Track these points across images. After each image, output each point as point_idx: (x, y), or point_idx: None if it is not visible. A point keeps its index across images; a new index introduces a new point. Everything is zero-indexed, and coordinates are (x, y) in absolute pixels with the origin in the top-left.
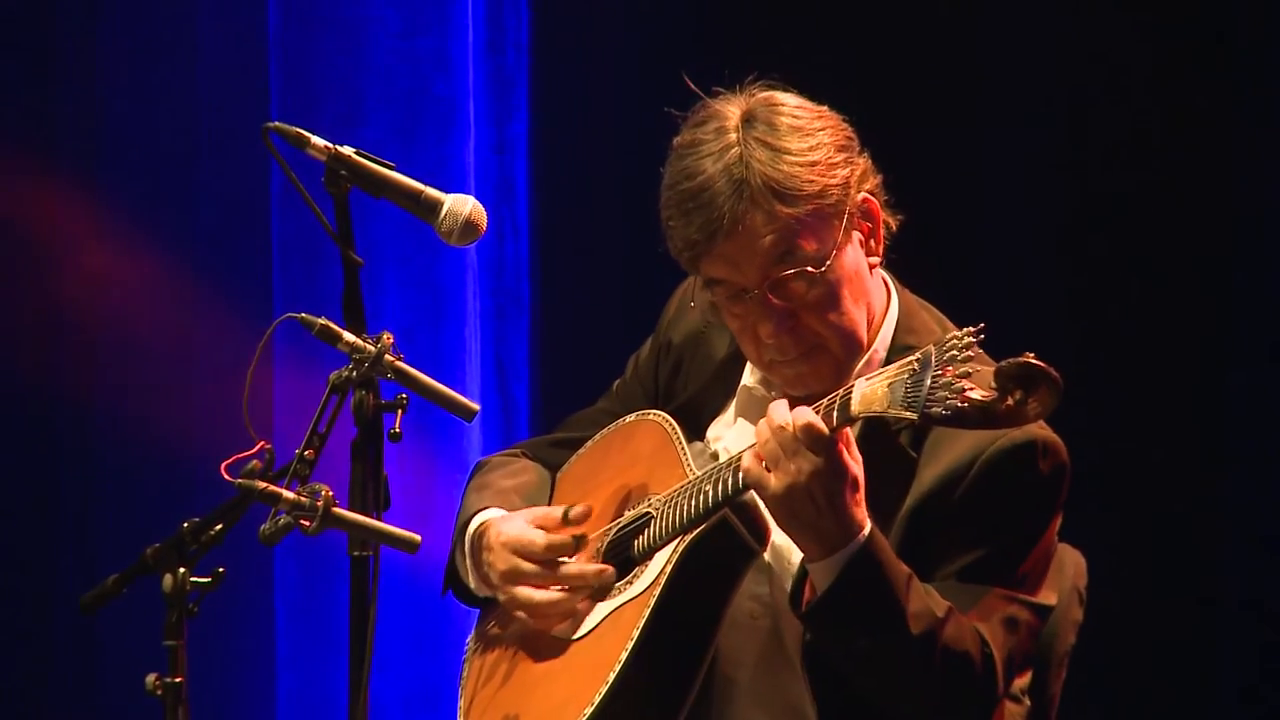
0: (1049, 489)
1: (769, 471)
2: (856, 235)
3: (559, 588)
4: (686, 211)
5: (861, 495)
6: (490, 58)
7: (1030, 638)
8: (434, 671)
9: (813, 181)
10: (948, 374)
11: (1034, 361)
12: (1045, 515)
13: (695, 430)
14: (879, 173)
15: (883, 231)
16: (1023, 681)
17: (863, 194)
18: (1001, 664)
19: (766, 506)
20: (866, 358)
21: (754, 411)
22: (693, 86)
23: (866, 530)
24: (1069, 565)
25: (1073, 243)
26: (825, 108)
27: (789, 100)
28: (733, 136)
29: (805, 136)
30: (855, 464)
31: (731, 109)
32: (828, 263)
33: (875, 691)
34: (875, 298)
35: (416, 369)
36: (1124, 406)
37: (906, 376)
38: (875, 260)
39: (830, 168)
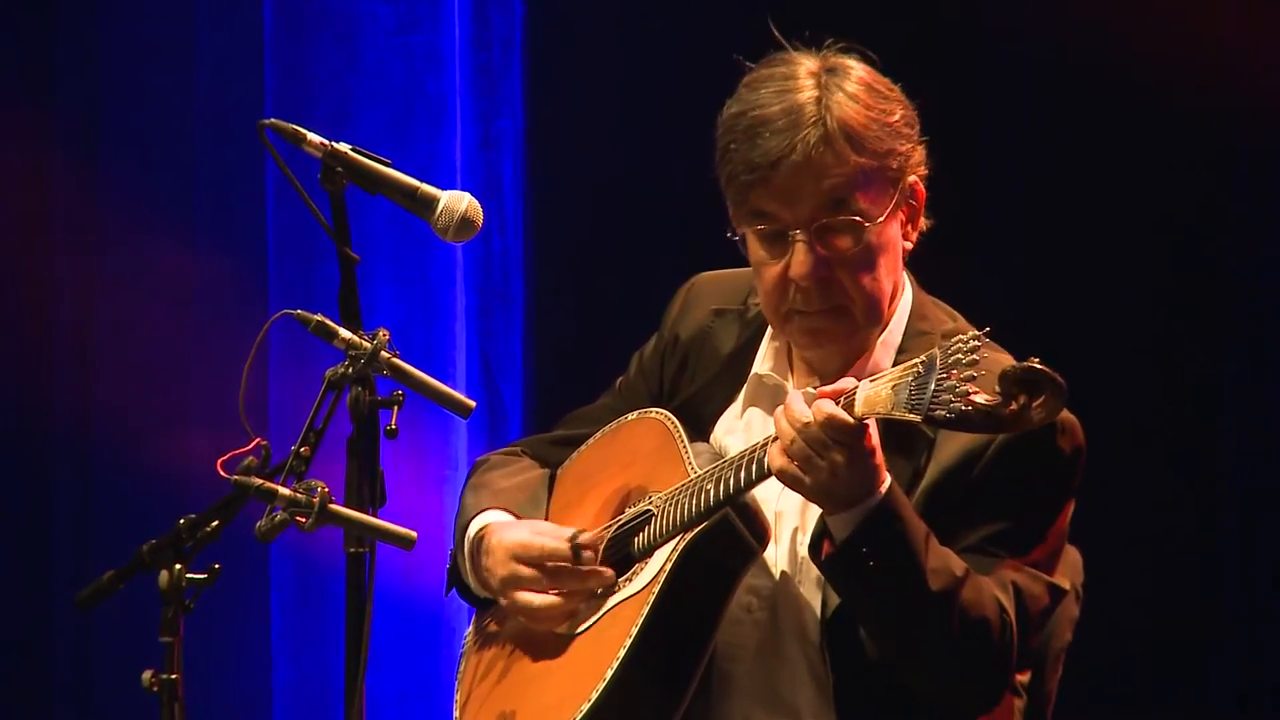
0: (1067, 468)
1: (802, 471)
2: (901, 215)
3: (557, 591)
4: (755, 136)
5: (882, 457)
6: (476, 54)
7: (1044, 615)
8: (429, 667)
9: (883, 140)
10: (952, 377)
11: (1038, 366)
12: (1061, 495)
13: (701, 424)
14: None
15: (921, 222)
16: (1023, 678)
17: (915, 177)
18: (1019, 636)
19: (803, 497)
20: (882, 338)
21: (765, 400)
22: (777, 35)
23: (886, 484)
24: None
25: (1073, 240)
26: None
27: (865, 66)
28: (810, 81)
29: (883, 99)
30: (876, 439)
31: (808, 59)
32: (878, 221)
33: (892, 652)
34: (900, 280)
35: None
36: (1122, 404)
37: (911, 379)
38: (909, 246)
39: (900, 135)
